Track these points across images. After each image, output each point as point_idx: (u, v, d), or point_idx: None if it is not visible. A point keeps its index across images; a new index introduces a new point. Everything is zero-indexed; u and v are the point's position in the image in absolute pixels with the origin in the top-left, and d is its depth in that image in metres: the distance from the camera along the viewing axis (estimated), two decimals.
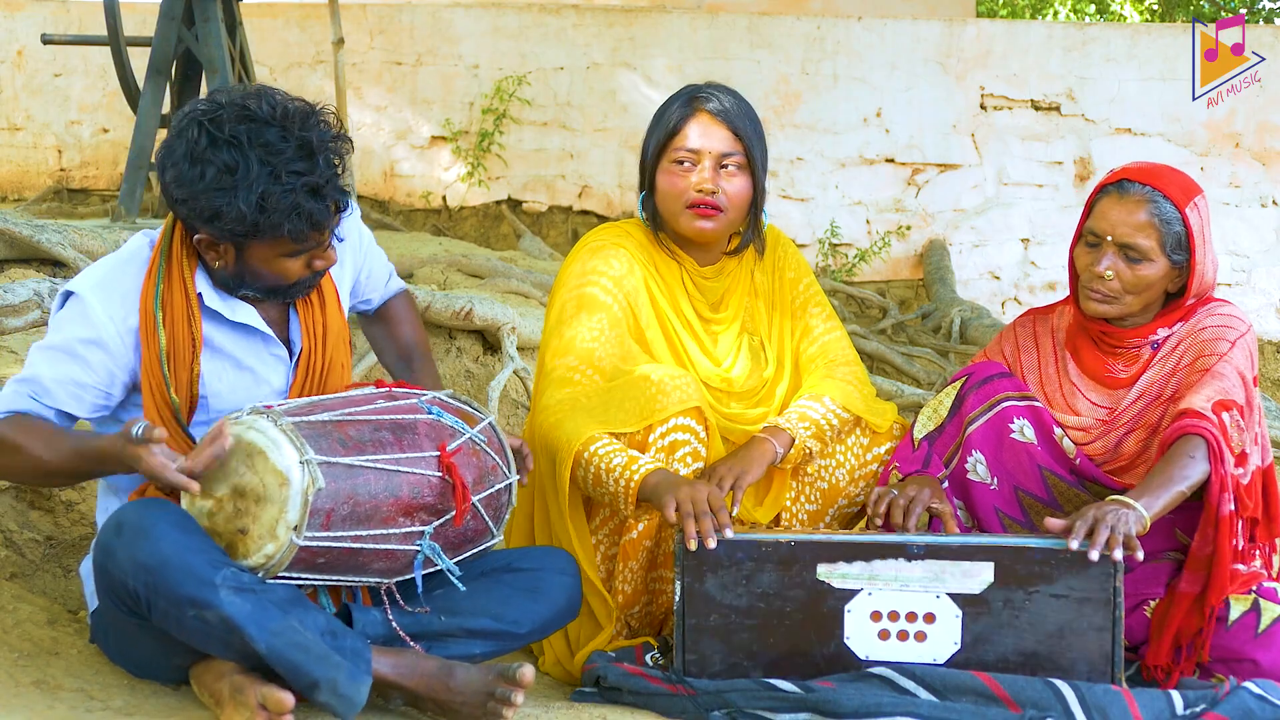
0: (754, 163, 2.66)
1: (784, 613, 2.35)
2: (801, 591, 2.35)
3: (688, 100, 2.67)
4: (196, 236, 2.19)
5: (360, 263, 2.54)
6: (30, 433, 2.12)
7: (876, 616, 2.35)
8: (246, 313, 2.29)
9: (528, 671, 2.11)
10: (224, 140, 2.10)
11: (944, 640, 2.34)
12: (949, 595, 2.34)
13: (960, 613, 2.34)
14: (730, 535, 2.33)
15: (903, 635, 2.34)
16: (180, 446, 2.19)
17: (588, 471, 2.44)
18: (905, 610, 2.34)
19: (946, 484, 2.69)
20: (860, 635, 2.35)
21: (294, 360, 2.35)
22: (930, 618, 2.34)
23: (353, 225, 2.50)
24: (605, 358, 2.59)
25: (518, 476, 2.36)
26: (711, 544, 2.31)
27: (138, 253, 2.29)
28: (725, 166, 2.64)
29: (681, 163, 2.64)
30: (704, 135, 2.64)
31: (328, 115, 2.21)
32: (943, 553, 2.34)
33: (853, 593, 2.35)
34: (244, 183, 2.09)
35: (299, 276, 2.24)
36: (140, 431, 1.99)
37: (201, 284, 2.26)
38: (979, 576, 2.33)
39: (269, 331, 2.31)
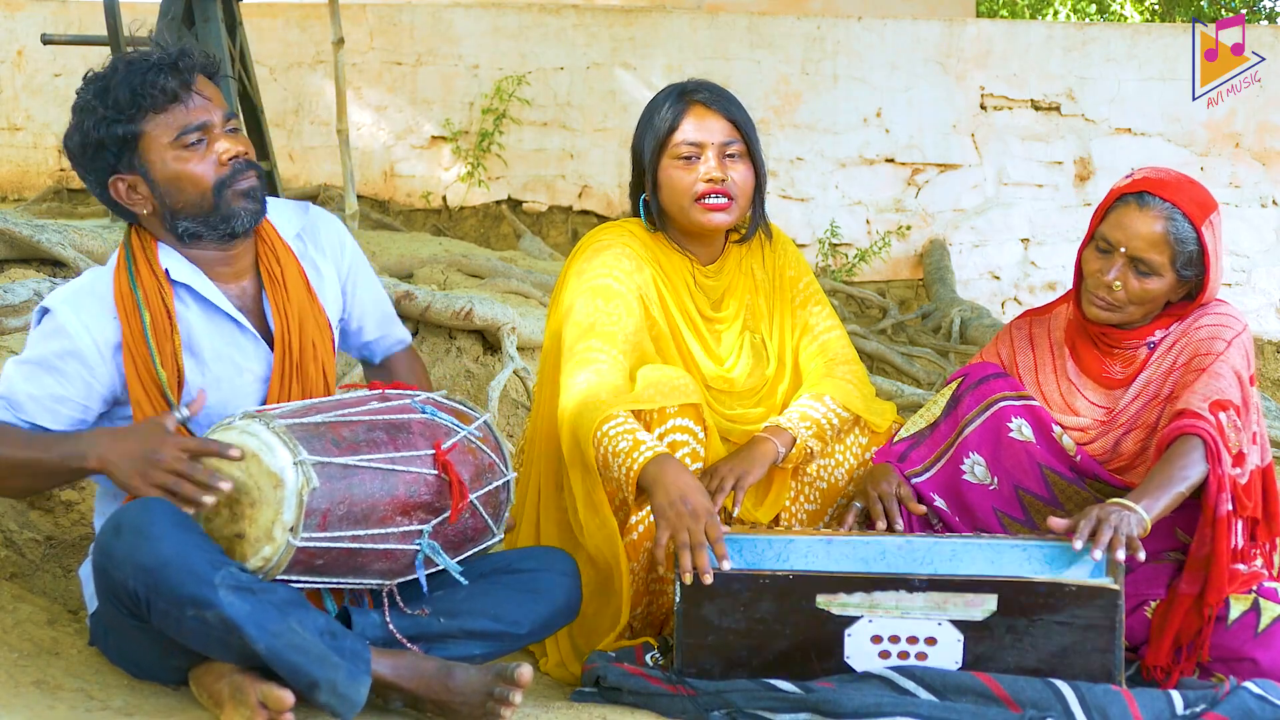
0: (753, 148, 2.68)
1: (783, 634, 2.34)
2: (800, 617, 2.33)
3: (678, 96, 2.68)
4: (113, 180, 2.24)
5: (345, 265, 2.53)
6: (4, 439, 2.14)
7: (877, 639, 2.33)
8: (212, 291, 2.29)
9: (525, 671, 2.11)
10: (80, 95, 2.25)
11: (945, 660, 2.32)
12: (951, 622, 2.32)
13: (962, 637, 2.32)
14: (727, 568, 2.31)
15: (903, 655, 2.33)
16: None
17: (599, 453, 2.44)
18: (906, 634, 2.32)
19: (925, 481, 2.68)
20: (860, 655, 2.33)
21: (274, 346, 2.35)
22: (931, 641, 2.32)
23: (330, 226, 2.52)
24: (625, 340, 2.58)
25: (515, 474, 2.36)
26: (708, 580, 2.29)
27: (108, 265, 2.32)
28: (729, 155, 2.65)
29: (685, 157, 2.64)
30: (702, 127, 2.64)
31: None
32: (945, 585, 2.31)
33: (853, 619, 2.33)
34: (97, 97, 2.22)
35: (218, 175, 2.23)
36: (182, 413, 2.08)
37: (166, 260, 2.27)
38: (982, 606, 2.31)
39: (237, 314, 2.31)
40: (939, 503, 2.68)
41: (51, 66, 8.48)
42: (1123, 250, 2.55)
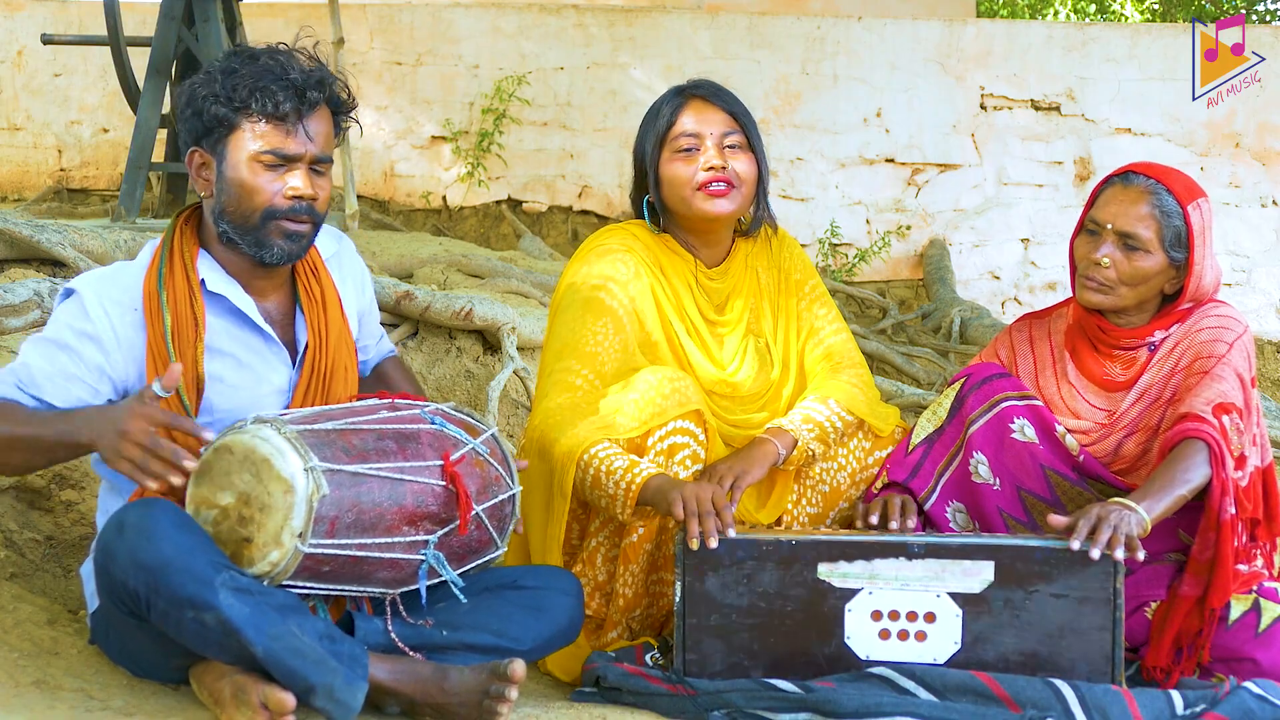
0: (753, 141, 2.68)
1: (784, 612, 2.36)
2: (802, 590, 2.35)
3: (677, 93, 2.71)
4: (194, 150, 2.28)
5: (365, 301, 2.58)
6: (5, 414, 2.13)
7: (877, 616, 2.35)
8: (247, 304, 2.31)
9: (519, 666, 2.11)
10: (220, 59, 2.31)
11: (944, 640, 2.35)
12: (949, 594, 2.34)
13: (960, 612, 2.34)
14: (732, 534, 2.33)
15: (903, 635, 2.34)
16: (187, 441, 2.21)
17: (586, 475, 2.44)
18: (906, 609, 2.35)
19: (939, 492, 2.69)
20: (861, 635, 2.35)
21: (299, 358, 2.36)
22: (930, 617, 2.35)
23: (355, 258, 2.57)
24: (608, 362, 2.58)
25: (520, 488, 2.36)
26: (713, 543, 2.31)
27: (140, 257, 2.34)
28: (729, 146, 2.65)
29: (685, 149, 2.65)
30: (701, 119, 2.65)
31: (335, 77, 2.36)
32: (943, 552, 2.35)
33: (853, 592, 2.35)
34: (222, 72, 2.26)
35: (273, 204, 2.23)
36: (163, 383, 2.04)
37: (204, 269, 2.29)
38: (979, 575, 2.34)
39: (268, 328, 2.33)
40: (953, 525, 2.69)
41: (51, 66, 8.48)
42: (1110, 227, 2.57)
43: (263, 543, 2.02)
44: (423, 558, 2.15)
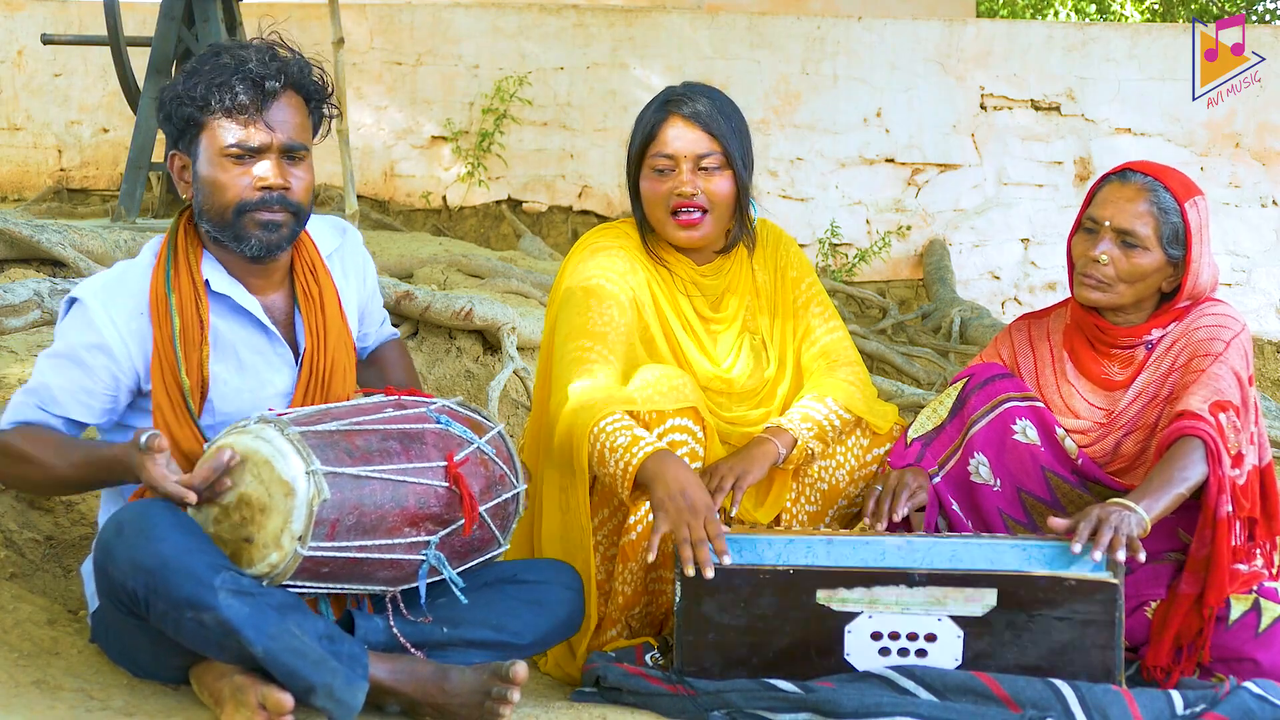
0: (733, 161, 2.66)
1: (783, 631, 2.34)
2: (800, 613, 2.33)
3: (662, 104, 2.68)
4: (173, 153, 2.29)
5: (366, 292, 2.57)
6: (39, 443, 2.16)
7: (877, 636, 2.33)
8: (252, 303, 2.30)
9: (521, 668, 2.11)
10: (191, 61, 2.32)
11: (945, 657, 2.33)
12: (951, 618, 2.32)
13: (962, 633, 2.32)
14: (727, 563, 2.30)
15: (903, 653, 2.33)
16: (190, 440, 2.21)
17: (594, 449, 2.43)
18: (906, 631, 2.32)
19: (940, 482, 2.68)
20: (860, 652, 2.34)
21: (299, 361, 2.36)
22: (931, 637, 2.33)
23: (359, 250, 2.56)
24: (617, 343, 2.59)
25: (524, 486, 2.35)
26: (709, 574, 2.28)
27: (142, 257, 2.33)
28: (704, 168, 2.64)
29: (659, 170, 2.65)
30: (678, 139, 2.64)
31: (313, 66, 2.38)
32: (945, 580, 2.31)
33: (852, 615, 2.33)
34: (186, 74, 2.27)
35: (243, 198, 2.23)
36: (145, 440, 2.02)
37: (208, 270, 2.29)
38: (982, 601, 2.31)
39: (272, 327, 2.32)
40: (955, 507, 2.69)
41: (51, 66, 8.48)
42: (1108, 224, 2.57)
43: (262, 544, 2.01)
44: (424, 558, 2.15)
